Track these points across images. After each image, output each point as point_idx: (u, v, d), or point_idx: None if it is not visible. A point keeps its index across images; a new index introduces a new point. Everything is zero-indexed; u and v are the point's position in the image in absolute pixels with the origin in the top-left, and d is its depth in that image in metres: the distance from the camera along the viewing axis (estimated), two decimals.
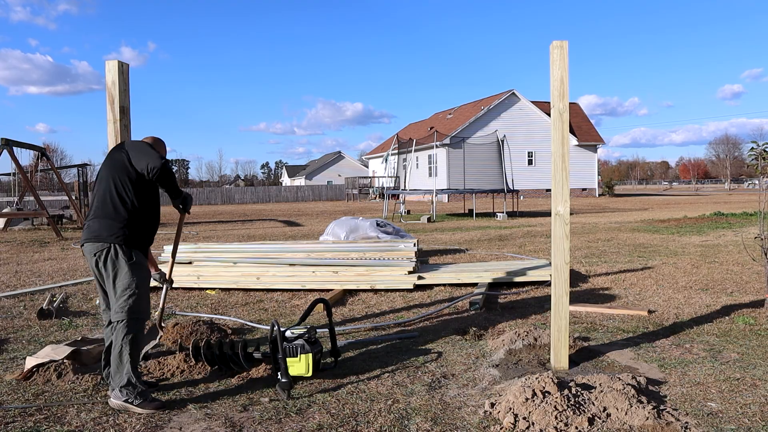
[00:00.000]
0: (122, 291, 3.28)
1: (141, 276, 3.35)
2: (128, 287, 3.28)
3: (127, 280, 3.29)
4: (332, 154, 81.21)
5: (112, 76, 3.94)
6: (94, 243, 3.31)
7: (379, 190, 41.25)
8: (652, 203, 29.70)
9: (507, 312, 5.58)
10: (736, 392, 3.39)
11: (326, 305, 4.21)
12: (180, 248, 7.96)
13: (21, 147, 16.27)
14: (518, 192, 23.91)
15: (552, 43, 3.77)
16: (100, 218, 3.34)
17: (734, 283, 6.78)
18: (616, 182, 64.17)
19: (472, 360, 4.08)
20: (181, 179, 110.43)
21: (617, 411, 3.02)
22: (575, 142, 37.42)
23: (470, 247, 10.94)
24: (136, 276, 3.31)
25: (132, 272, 3.30)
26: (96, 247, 3.31)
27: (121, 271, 3.30)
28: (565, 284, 3.83)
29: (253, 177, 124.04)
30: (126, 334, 3.24)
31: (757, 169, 5.75)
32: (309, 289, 6.60)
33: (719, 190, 60.64)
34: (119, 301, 3.27)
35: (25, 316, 5.64)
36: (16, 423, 3.09)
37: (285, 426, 3.05)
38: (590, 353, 4.16)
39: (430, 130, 35.44)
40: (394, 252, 7.42)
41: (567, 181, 3.80)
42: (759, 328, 4.76)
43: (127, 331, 3.25)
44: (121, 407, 3.22)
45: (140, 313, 3.33)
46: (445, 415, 3.15)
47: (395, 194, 26.58)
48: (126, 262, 3.30)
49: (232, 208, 36.88)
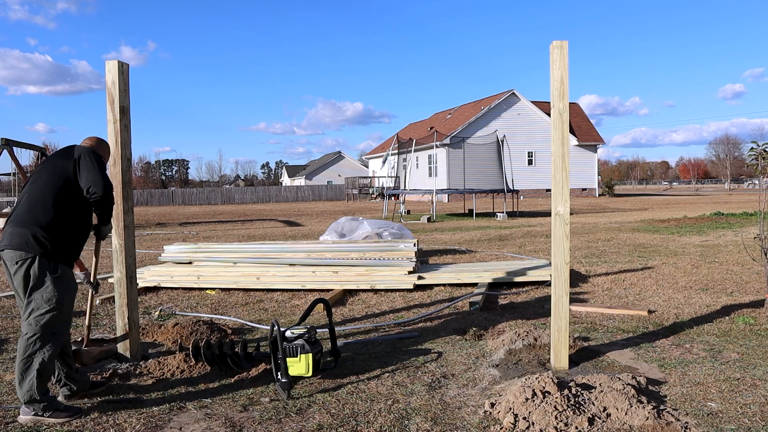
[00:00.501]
0: (41, 304, 3.10)
1: (64, 291, 3.17)
2: (49, 301, 3.10)
3: (48, 294, 3.10)
4: (332, 154, 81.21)
5: (112, 76, 3.94)
6: (16, 251, 3.10)
7: (379, 190, 41.25)
8: (652, 203, 29.70)
9: (507, 312, 5.58)
10: (736, 392, 3.39)
11: (326, 305, 4.21)
12: (180, 248, 7.97)
13: (21, 147, 16.27)
14: (518, 192, 23.91)
15: (552, 43, 3.77)
16: (26, 225, 3.14)
17: (734, 283, 6.78)
18: (616, 182, 64.19)
19: (472, 360, 4.08)
20: (181, 179, 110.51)
21: (617, 411, 3.02)
22: (575, 142, 37.42)
23: (470, 247, 10.94)
24: (58, 291, 3.13)
25: (55, 286, 3.12)
26: (18, 255, 3.10)
27: (42, 284, 3.10)
28: (565, 284, 3.83)
29: (253, 177, 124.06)
30: (39, 349, 3.07)
31: (757, 169, 5.75)
32: (309, 289, 6.60)
33: (719, 190, 60.64)
34: (36, 313, 3.09)
35: None
36: (16, 423, 3.09)
37: (285, 426, 3.05)
38: (590, 353, 4.16)
39: (430, 130, 35.45)
40: (394, 252, 7.42)
41: (567, 181, 3.80)
42: (759, 328, 4.76)
43: (40, 346, 3.07)
44: (33, 421, 3.06)
45: (57, 328, 3.16)
46: (445, 415, 3.15)
47: (395, 194, 26.58)
48: (50, 275, 3.12)
49: (232, 208, 36.88)
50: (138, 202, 43.35)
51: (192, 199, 47.25)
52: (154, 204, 45.62)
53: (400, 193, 24.64)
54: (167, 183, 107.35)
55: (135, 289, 4.14)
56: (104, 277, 7.52)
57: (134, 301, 4.11)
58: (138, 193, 46.44)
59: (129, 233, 4.05)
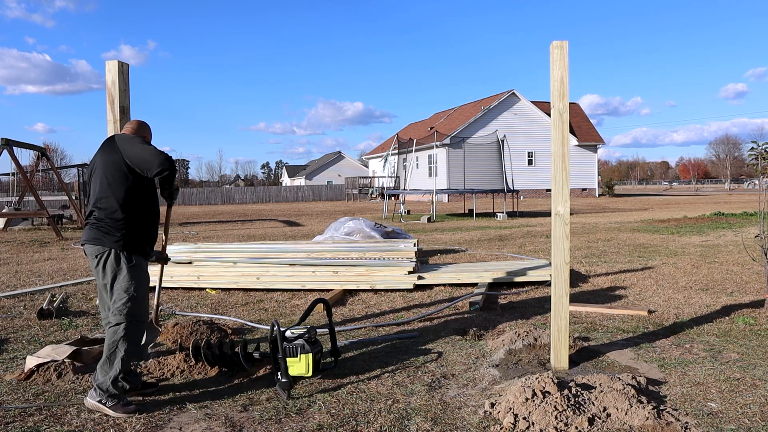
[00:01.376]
0: (121, 294, 3.26)
1: (140, 279, 3.34)
2: (127, 290, 3.26)
3: (125, 284, 3.27)
4: (332, 154, 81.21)
5: (112, 76, 3.94)
6: (94, 246, 3.30)
7: (379, 190, 41.25)
8: (652, 203, 29.69)
9: (507, 312, 5.58)
10: (736, 392, 3.39)
11: (326, 305, 4.21)
12: (180, 248, 7.97)
13: (21, 147, 16.27)
14: (518, 192, 23.91)
15: (552, 43, 3.77)
16: (99, 221, 3.31)
17: (734, 283, 6.78)
18: (616, 182, 64.19)
19: (472, 360, 4.08)
20: (181, 179, 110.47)
21: (617, 411, 3.02)
22: (575, 142, 37.42)
23: (470, 247, 10.94)
24: (134, 279, 3.29)
25: (131, 276, 3.29)
26: (96, 250, 3.30)
27: (120, 274, 3.28)
28: (565, 284, 3.83)
29: (253, 177, 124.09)
30: (123, 337, 3.23)
31: (757, 169, 5.75)
32: (309, 289, 6.60)
33: (719, 190, 60.64)
34: (117, 303, 3.25)
35: (25, 316, 5.64)
36: (16, 423, 3.09)
37: (285, 426, 3.05)
38: (590, 353, 4.16)
39: (430, 130, 35.45)
40: (394, 252, 7.42)
41: (567, 181, 3.80)
42: (759, 328, 4.76)
43: (124, 334, 3.23)
44: (94, 407, 3.20)
45: (139, 316, 3.32)
46: (445, 415, 3.15)
47: (395, 194, 26.58)
48: (126, 265, 3.29)
49: (232, 208, 36.88)
50: None
51: (192, 199, 47.26)
52: None
53: (400, 193, 24.65)
54: None
55: None
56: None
57: None
58: None
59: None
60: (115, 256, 3.28)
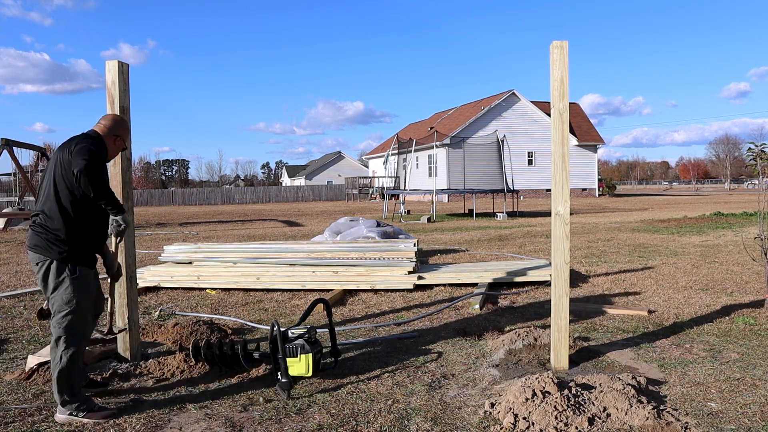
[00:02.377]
0: (61, 306, 3.11)
1: (82, 292, 3.17)
2: (68, 303, 3.10)
3: (67, 296, 3.11)
4: (332, 154, 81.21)
5: (112, 76, 3.94)
6: (36, 254, 3.13)
7: (379, 190, 41.25)
8: (652, 203, 29.69)
9: (507, 312, 5.58)
10: (736, 392, 3.39)
11: (326, 305, 4.21)
12: (180, 248, 7.97)
13: (21, 147, 16.29)
14: (518, 192, 23.91)
15: (552, 43, 3.77)
16: (43, 228, 3.12)
17: (734, 283, 6.78)
18: (616, 182, 64.18)
19: (472, 360, 4.08)
20: (181, 179, 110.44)
21: (617, 411, 3.02)
22: (575, 142, 37.43)
23: (470, 247, 10.94)
24: (76, 292, 3.12)
25: (73, 288, 3.12)
26: (38, 258, 3.13)
27: (61, 286, 3.11)
28: (565, 284, 3.83)
29: (253, 177, 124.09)
30: (65, 350, 3.10)
31: (756, 170, 5.75)
32: (309, 289, 6.60)
33: (719, 190, 60.63)
34: (57, 316, 3.11)
35: (25, 316, 5.64)
36: (16, 423, 3.09)
37: (285, 426, 3.05)
38: (590, 353, 4.16)
39: (430, 130, 35.45)
40: (394, 252, 7.42)
41: (567, 181, 3.80)
42: (759, 328, 4.76)
43: (65, 347, 3.10)
44: (67, 421, 3.09)
45: (80, 329, 3.18)
46: (445, 415, 3.15)
47: (395, 194, 26.58)
48: (69, 277, 3.12)
49: (232, 208, 36.88)
50: (138, 202, 43.35)
51: (192, 199, 47.26)
52: (154, 204, 45.63)
53: (400, 193, 24.65)
54: (167, 183, 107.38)
55: (135, 289, 4.15)
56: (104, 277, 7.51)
57: (134, 301, 4.11)
58: (138, 193, 46.46)
59: (129, 233, 4.04)
60: (57, 268, 3.10)
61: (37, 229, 3.15)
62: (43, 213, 3.15)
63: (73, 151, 3.06)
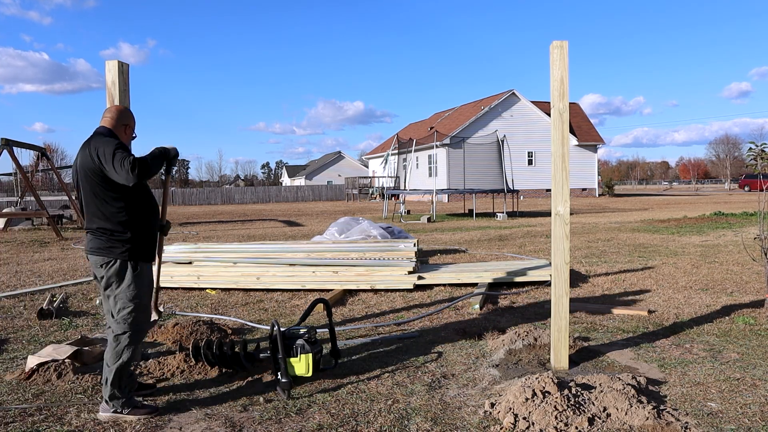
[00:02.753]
0: (126, 303, 3.22)
1: (143, 287, 3.29)
2: (132, 300, 3.22)
3: (131, 293, 3.23)
4: (332, 154, 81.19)
5: (112, 76, 3.94)
6: (97, 256, 3.25)
7: (379, 190, 41.25)
8: (652, 203, 29.70)
9: (507, 312, 5.58)
10: (736, 392, 3.39)
11: (326, 305, 4.21)
12: (180, 248, 7.97)
13: (21, 147, 16.27)
14: (518, 192, 23.91)
15: (552, 43, 3.77)
16: (99, 232, 3.23)
17: (734, 283, 6.78)
18: (616, 182, 64.17)
19: (472, 360, 4.09)
20: (181, 179, 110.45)
21: (617, 411, 3.02)
22: (575, 142, 37.41)
23: (470, 247, 10.94)
24: (138, 288, 3.25)
25: (135, 284, 3.25)
26: (100, 260, 3.24)
27: (124, 284, 3.23)
28: (565, 284, 3.83)
29: (253, 177, 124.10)
30: (127, 346, 3.19)
31: (756, 170, 5.75)
32: (309, 289, 6.60)
33: (719, 190, 60.61)
34: (122, 313, 3.22)
35: (25, 316, 5.64)
36: (16, 423, 3.10)
37: (285, 426, 3.05)
38: (590, 353, 4.17)
39: (430, 130, 35.45)
40: (394, 252, 7.42)
41: (567, 181, 3.80)
42: (759, 328, 4.76)
43: (128, 343, 3.20)
44: (112, 419, 3.14)
45: (143, 324, 3.32)
46: (445, 415, 3.15)
47: (395, 194, 26.58)
48: (131, 274, 3.24)
49: (232, 208, 36.88)
50: None
51: (192, 199, 47.26)
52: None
53: (400, 193, 24.65)
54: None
55: None
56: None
57: None
58: None
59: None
60: (120, 266, 3.23)
61: (96, 233, 3.25)
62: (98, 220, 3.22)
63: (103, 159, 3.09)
